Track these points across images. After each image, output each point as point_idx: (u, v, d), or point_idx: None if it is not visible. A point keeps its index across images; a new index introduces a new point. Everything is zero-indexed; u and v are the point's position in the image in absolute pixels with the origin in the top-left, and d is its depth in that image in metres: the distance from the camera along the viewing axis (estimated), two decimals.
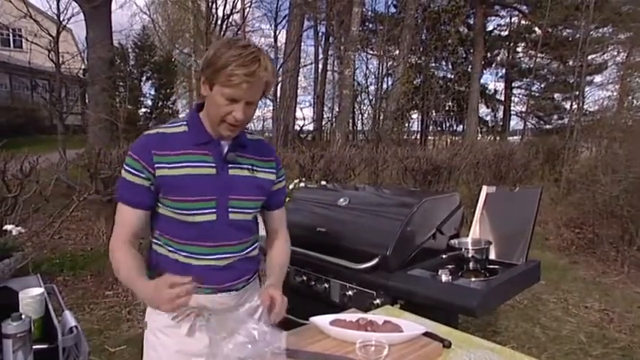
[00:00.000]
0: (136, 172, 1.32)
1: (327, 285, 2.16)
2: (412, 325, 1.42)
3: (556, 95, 22.27)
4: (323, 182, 3.03)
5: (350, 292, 2.05)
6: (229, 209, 1.34)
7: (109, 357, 3.16)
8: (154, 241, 1.43)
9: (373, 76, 18.58)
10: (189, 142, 1.33)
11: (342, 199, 2.37)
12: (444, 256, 2.03)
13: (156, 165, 1.30)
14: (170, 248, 1.37)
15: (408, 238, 2.11)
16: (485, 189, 2.47)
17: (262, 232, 1.58)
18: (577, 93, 13.43)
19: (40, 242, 4.57)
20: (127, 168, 1.33)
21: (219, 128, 1.30)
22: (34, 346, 1.43)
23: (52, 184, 4.05)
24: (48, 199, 4.42)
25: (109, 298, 4.22)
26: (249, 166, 1.39)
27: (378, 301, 1.91)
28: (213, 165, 1.34)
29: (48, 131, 9.52)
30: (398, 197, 2.42)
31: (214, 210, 1.33)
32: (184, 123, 1.37)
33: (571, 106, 15.35)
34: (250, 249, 1.45)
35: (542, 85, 22.74)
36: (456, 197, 2.46)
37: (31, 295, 1.57)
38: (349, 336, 1.33)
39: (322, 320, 1.41)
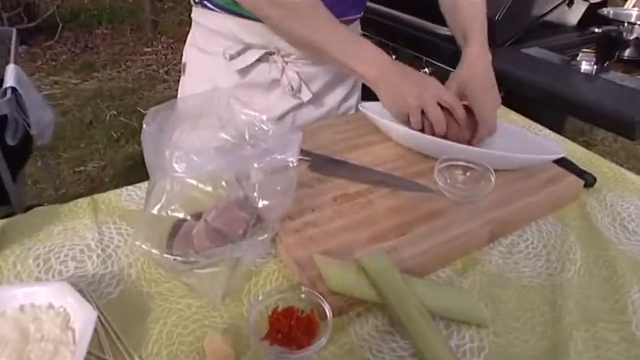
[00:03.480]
0: None
1: (427, 70, 1.45)
2: (536, 140, 0.80)
3: None
4: None
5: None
6: None
7: (138, 119, 2.93)
8: None
9: None
10: None
11: None
12: (596, 30, 1.24)
13: None
14: None
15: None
16: None
17: None
18: None
19: None
20: None
21: None
22: None
23: None
24: None
25: (147, 55, 3.89)
26: None
27: None
28: None
29: None
30: None
31: None
32: None
33: None
34: None
35: None
36: None
37: None
38: (426, 144, 0.74)
39: (380, 109, 0.80)
